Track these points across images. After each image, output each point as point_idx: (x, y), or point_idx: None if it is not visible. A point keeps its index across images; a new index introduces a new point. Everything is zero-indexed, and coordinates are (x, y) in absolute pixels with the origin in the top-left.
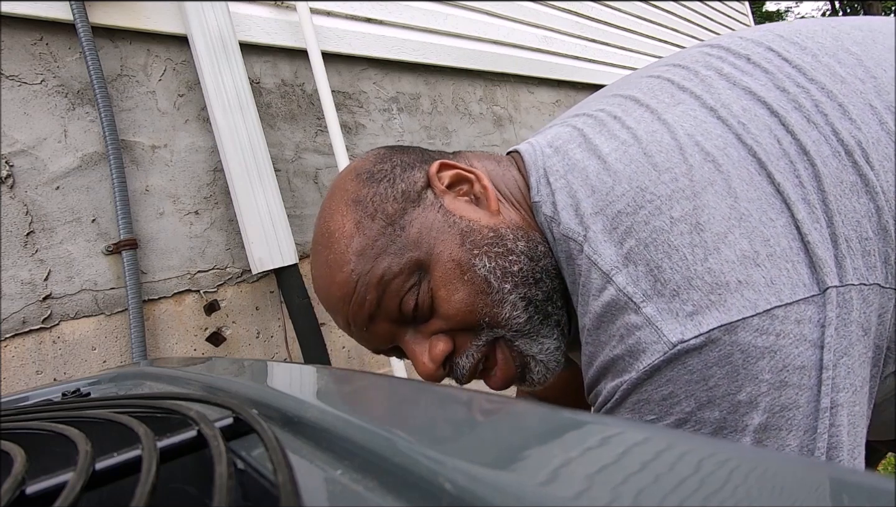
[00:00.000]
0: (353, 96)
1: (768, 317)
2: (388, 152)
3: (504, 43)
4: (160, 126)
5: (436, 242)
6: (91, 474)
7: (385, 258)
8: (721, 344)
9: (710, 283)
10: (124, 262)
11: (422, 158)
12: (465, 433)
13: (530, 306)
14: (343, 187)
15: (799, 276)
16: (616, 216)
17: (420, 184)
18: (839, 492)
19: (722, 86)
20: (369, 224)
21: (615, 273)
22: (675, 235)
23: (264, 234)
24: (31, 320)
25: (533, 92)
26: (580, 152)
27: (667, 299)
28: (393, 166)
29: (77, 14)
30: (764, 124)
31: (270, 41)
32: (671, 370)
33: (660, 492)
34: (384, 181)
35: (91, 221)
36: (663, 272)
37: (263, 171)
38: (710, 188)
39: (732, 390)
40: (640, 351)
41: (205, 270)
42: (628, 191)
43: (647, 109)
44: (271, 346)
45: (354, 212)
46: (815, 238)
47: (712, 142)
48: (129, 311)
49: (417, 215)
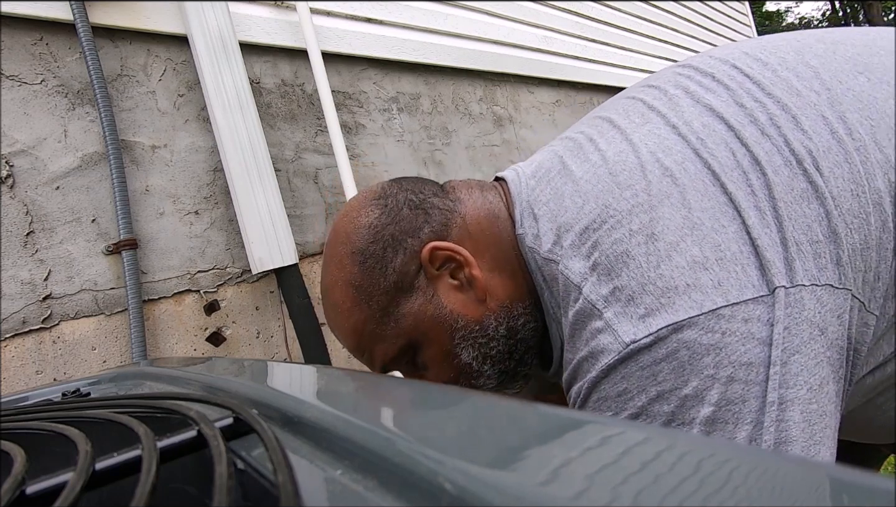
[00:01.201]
0: (353, 96)
1: (714, 316)
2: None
3: (504, 43)
4: (160, 126)
5: (428, 332)
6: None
7: (382, 345)
8: (668, 341)
9: (661, 287)
10: (124, 262)
11: (416, 223)
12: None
13: (503, 375)
14: (341, 262)
15: (748, 277)
16: (583, 232)
17: (412, 271)
18: (839, 492)
19: (686, 104)
20: (365, 309)
21: (584, 284)
22: (633, 245)
23: (264, 234)
24: (31, 320)
25: (533, 92)
26: (559, 179)
27: (623, 303)
28: (385, 248)
29: (77, 14)
30: (721, 139)
31: (270, 41)
32: (625, 368)
33: (660, 492)
34: (377, 270)
35: (91, 221)
36: (621, 280)
37: (263, 171)
38: (667, 201)
39: (679, 384)
40: (599, 352)
41: (205, 270)
42: (594, 208)
43: (619, 129)
44: (271, 346)
45: (351, 294)
46: (765, 242)
47: (672, 157)
48: (129, 311)
49: (410, 307)
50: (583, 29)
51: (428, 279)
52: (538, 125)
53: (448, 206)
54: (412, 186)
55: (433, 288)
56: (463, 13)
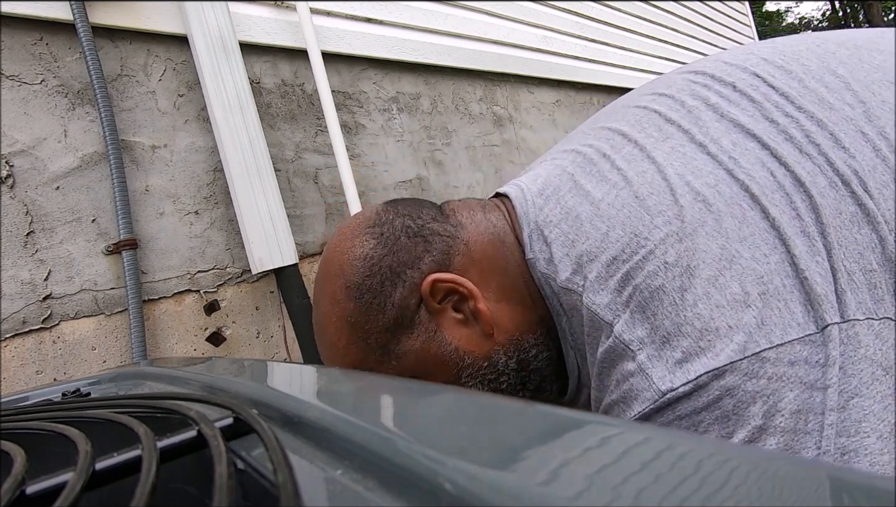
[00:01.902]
0: (353, 96)
1: (758, 360)
2: (377, 251)
3: (504, 43)
4: (160, 126)
5: (431, 371)
6: (91, 474)
7: None
8: (710, 389)
9: (699, 329)
10: (124, 262)
11: (415, 253)
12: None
13: None
14: (334, 297)
15: (792, 315)
16: (611, 263)
17: (412, 306)
18: (839, 492)
19: (710, 118)
20: (363, 347)
21: (615, 321)
22: (668, 279)
23: (264, 234)
24: (31, 320)
25: (533, 92)
26: (572, 199)
27: (658, 345)
28: (382, 281)
29: (77, 14)
30: (756, 158)
31: (270, 41)
32: (661, 417)
33: (660, 492)
34: (375, 306)
35: (91, 221)
36: (656, 318)
37: (263, 171)
38: (701, 230)
39: (724, 435)
40: (632, 398)
41: (205, 270)
42: (622, 237)
43: (636, 145)
44: (271, 346)
45: (346, 332)
46: (814, 273)
47: (703, 180)
48: (129, 311)
49: (412, 344)
50: (583, 29)
51: (430, 314)
52: (538, 125)
53: (449, 231)
54: (409, 210)
55: (435, 323)
56: (463, 13)
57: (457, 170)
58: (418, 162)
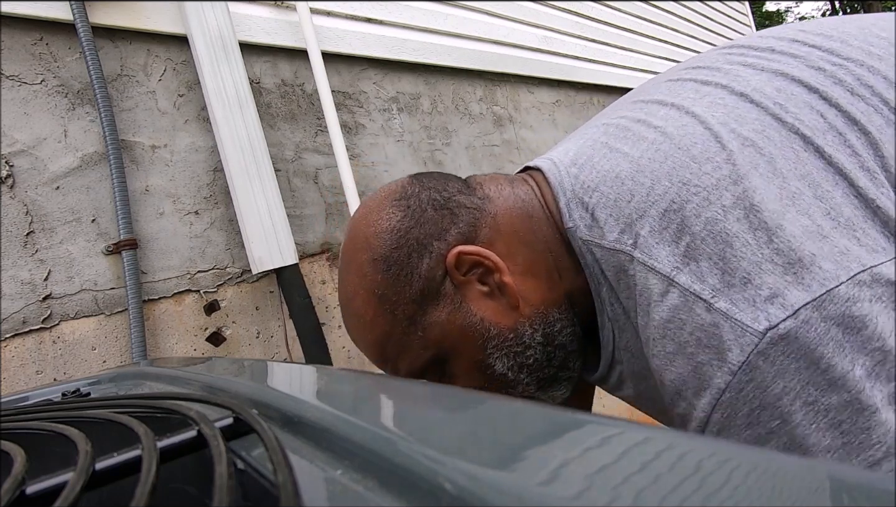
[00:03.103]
0: (353, 96)
1: (854, 285)
2: (404, 223)
3: (504, 43)
4: (160, 126)
5: (457, 343)
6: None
7: (407, 356)
8: (814, 322)
9: (782, 264)
10: (124, 262)
11: (441, 225)
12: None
13: (543, 383)
14: (362, 270)
15: (874, 240)
16: (663, 215)
17: (438, 277)
18: (839, 492)
19: (748, 73)
20: (390, 319)
21: (676, 274)
22: (731, 222)
23: (264, 234)
24: (31, 320)
25: (533, 92)
26: (608, 162)
27: (738, 288)
28: (409, 253)
29: (77, 14)
30: (803, 102)
31: (270, 41)
32: (771, 364)
33: (660, 492)
34: (402, 277)
35: (91, 221)
36: (729, 262)
37: (263, 171)
38: (755, 172)
39: (847, 366)
40: (724, 352)
41: (205, 270)
42: (670, 188)
43: (673, 106)
44: (271, 346)
45: (374, 304)
46: (884, 201)
47: (749, 126)
48: (129, 311)
49: (438, 316)
50: (583, 29)
51: (455, 286)
52: (538, 125)
53: (476, 204)
54: (435, 183)
55: (461, 295)
56: (463, 13)
57: (457, 170)
58: (418, 162)
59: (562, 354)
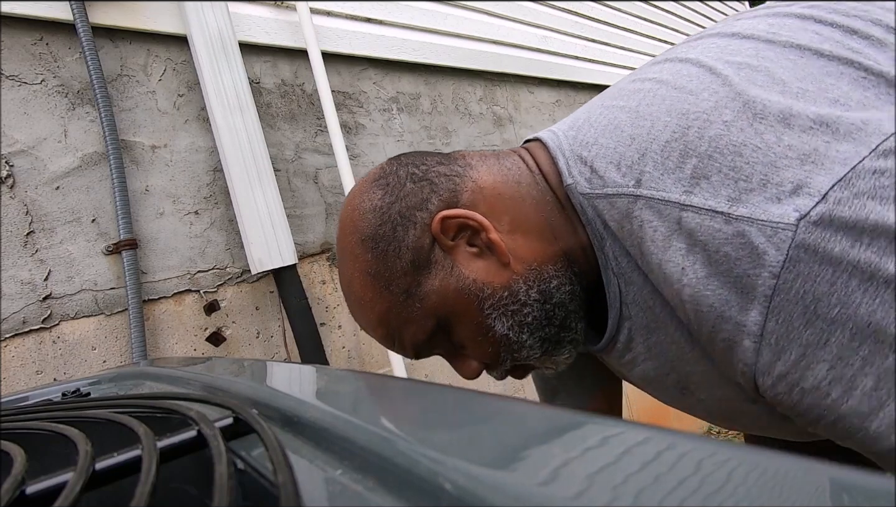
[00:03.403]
0: (353, 96)
1: (879, 155)
2: (385, 200)
3: (504, 43)
4: (160, 126)
5: (455, 308)
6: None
7: (410, 327)
8: (846, 200)
9: (797, 156)
10: (124, 262)
11: (422, 196)
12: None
13: (545, 343)
14: (354, 253)
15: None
16: (665, 147)
17: (426, 246)
18: (839, 492)
19: (741, 21)
20: (388, 296)
21: (687, 197)
22: (736, 133)
23: (264, 234)
24: (31, 320)
25: (533, 92)
26: (605, 117)
27: (758, 192)
28: (394, 227)
29: (77, 14)
30: (797, 26)
31: (270, 41)
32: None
33: (660, 492)
34: (390, 252)
35: (91, 221)
36: (741, 171)
37: (263, 171)
38: (753, 86)
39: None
40: (760, 256)
41: (205, 270)
42: (669, 122)
43: (667, 60)
44: (271, 346)
45: (370, 284)
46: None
47: (742, 55)
48: (129, 311)
49: (432, 284)
50: (583, 29)
51: (444, 252)
52: (538, 125)
53: (456, 171)
54: (413, 159)
55: (451, 260)
56: (463, 13)
57: None
58: None
59: (561, 312)
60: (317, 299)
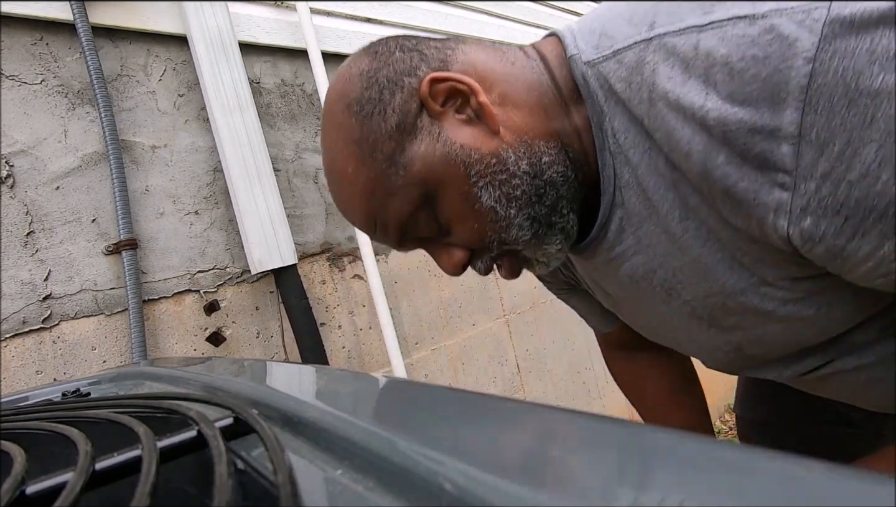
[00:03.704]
0: None
1: None
2: (373, 65)
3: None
4: (160, 126)
5: (441, 177)
6: (91, 474)
7: (394, 200)
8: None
9: None
10: (124, 262)
11: (411, 63)
12: (466, 433)
13: (535, 224)
14: (337, 121)
15: None
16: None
17: (413, 110)
18: (839, 492)
19: None
20: (371, 164)
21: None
22: None
23: (263, 234)
24: (31, 320)
25: None
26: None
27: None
28: (381, 90)
29: (77, 14)
30: None
31: (270, 41)
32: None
33: (659, 492)
34: (375, 115)
35: (91, 221)
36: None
37: (263, 171)
38: None
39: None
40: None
41: (205, 270)
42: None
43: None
44: (271, 346)
45: (353, 153)
46: None
47: None
48: (129, 311)
49: (417, 150)
50: None
51: (431, 117)
52: None
53: (449, 45)
54: (404, 36)
55: (439, 126)
56: (463, 13)
57: None
58: None
59: (552, 192)
60: (317, 298)
